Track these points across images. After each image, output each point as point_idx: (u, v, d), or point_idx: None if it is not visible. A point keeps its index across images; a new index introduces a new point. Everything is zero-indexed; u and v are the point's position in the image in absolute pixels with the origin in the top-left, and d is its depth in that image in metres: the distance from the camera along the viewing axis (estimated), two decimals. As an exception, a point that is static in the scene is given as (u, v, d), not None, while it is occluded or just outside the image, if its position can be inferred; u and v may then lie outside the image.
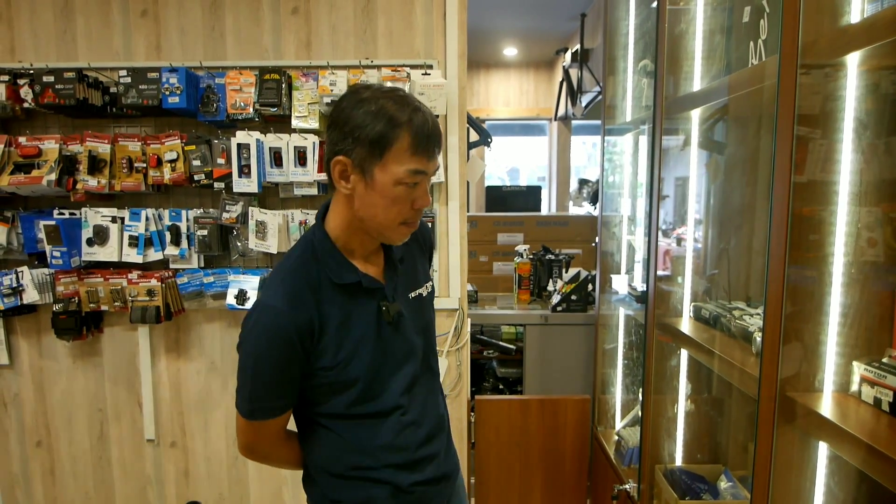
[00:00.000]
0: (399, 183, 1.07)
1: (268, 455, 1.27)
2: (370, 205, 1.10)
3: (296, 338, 1.09)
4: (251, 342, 1.12)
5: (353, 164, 1.08)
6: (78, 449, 2.51)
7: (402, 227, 1.14)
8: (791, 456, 1.19)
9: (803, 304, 1.15)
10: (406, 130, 1.06)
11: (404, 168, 1.07)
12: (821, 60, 1.09)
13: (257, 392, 1.15)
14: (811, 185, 1.14)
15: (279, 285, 1.13)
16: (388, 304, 1.17)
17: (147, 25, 2.32)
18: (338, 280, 1.14)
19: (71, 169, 2.22)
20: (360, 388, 1.16)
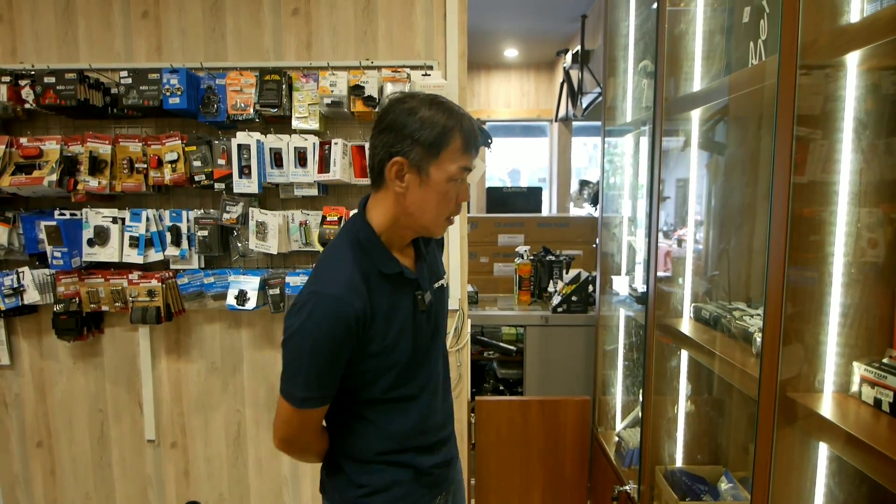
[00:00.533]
0: (451, 179, 1.19)
1: (306, 446, 1.30)
2: (423, 200, 1.19)
3: (353, 325, 1.15)
4: (309, 330, 1.14)
5: (409, 164, 1.16)
6: (78, 449, 2.51)
7: (446, 222, 1.26)
8: (791, 457, 1.19)
9: (803, 305, 1.15)
10: (459, 132, 1.17)
11: (456, 165, 1.18)
12: (820, 60, 1.09)
13: (311, 381, 1.18)
14: (811, 185, 1.13)
15: (333, 275, 1.18)
16: (422, 294, 1.27)
17: (148, 27, 2.33)
18: (385, 270, 1.22)
19: (72, 170, 2.22)
20: (398, 371, 1.24)
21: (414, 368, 1.28)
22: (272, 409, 2.45)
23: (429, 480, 1.34)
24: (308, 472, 2.50)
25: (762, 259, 1.80)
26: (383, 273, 1.21)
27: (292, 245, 2.27)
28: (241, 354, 2.45)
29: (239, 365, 2.46)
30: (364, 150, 2.20)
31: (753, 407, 1.82)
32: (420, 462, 1.31)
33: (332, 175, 2.13)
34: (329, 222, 2.18)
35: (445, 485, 1.40)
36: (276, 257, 2.34)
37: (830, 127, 1.12)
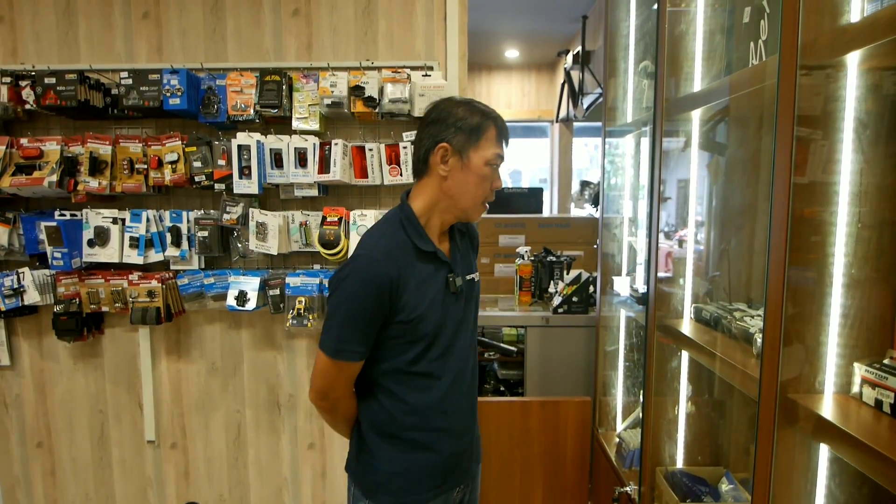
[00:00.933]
0: (488, 164, 1.35)
1: (336, 403, 1.39)
2: (464, 182, 1.35)
3: (387, 287, 1.28)
4: (349, 285, 1.30)
5: (452, 149, 1.34)
6: (78, 450, 2.52)
7: (482, 207, 1.40)
8: (792, 458, 1.18)
9: (804, 305, 1.14)
10: (493, 123, 1.37)
11: (493, 151, 1.35)
12: (820, 60, 1.09)
13: (345, 333, 1.31)
14: (811, 185, 1.13)
15: (375, 243, 1.34)
16: (453, 276, 1.39)
17: (148, 27, 2.33)
18: (421, 246, 1.35)
19: (72, 170, 2.23)
20: (426, 343, 1.35)
21: (440, 348, 1.37)
22: (272, 410, 2.45)
23: (449, 468, 1.43)
24: (308, 474, 2.50)
25: (762, 259, 1.79)
26: (419, 249, 1.35)
27: (292, 246, 2.27)
28: (241, 355, 2.45)
29: (239, 366, 2.46)
30: (364, 150, 2.20)
31: (754, 408, 1.81)
32: (442, 446, 1.41)
33: (332, 175, 2.13)
34: (329, 223, 2.18)
35: (466, 478, 1.50)
36: (276, 258, 2.34)
37: (831, 127, 1.11)
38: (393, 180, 2.21)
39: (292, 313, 2.21)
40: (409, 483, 1.40)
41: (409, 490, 1.40)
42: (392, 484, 1.40)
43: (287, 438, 2.48)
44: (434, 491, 1.42)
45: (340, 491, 2.51)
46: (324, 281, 2.24)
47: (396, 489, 1.40)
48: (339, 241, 2.17)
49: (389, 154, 2.20)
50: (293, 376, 2.44)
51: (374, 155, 2.20)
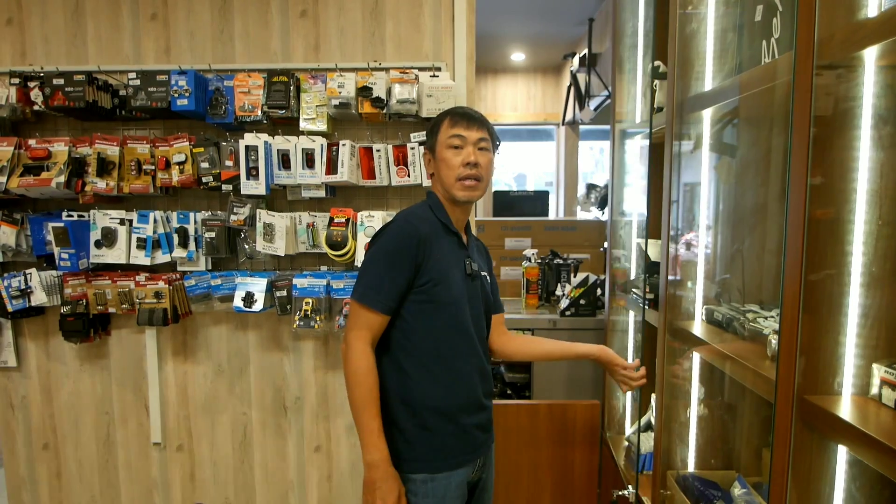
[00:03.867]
0: (448, 147, 1.54)
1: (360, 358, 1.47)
2: (439, 170, 1.57)
3: (416, 239, 1.47)
4: (384, 239, 1.50)
5: (428, 151, 1.63)
6: (84, 452, 2.51)
7: (459, 184, 1.55)
8: (809, 461, 1.16)
9: (821, 306, 1.12)
10: (447, 115, 1.59)
11: (447, 133, 1.56)
12: (837, 56, 1.07)
13: (373, 281, 1.47)
14: (828, 184, 1.11)
15: (409, 213, 1.56)
16: (470, 260, 1.59)
17: (156, 29, 2.33)
18: (447, 224, 1.57)
19: (80, 171, 2.23)
20: (450, 311, 1.52)
21: (461, 320, 1.54)
22: (279, 412, 2.44)
23: (469, 440, 1.58)
24: (314, 477, 2.48)
25: (774, 260, 1.77)
26: (446, 227, 1.57)
27: (299, 247, 2.26)
28: (248, 357, 2.44)
29: (245, 367, 2.45)
30: (372, 151, 2.19)
31: (767, 410, 1.79)
32: (463, 420, 1.55)
33: (339, 176, 2.12)
34: (337, 224, 2.17)
35: (483, 449, 1.65)
36: (283, 259, 2.33)
37: (848, 124, 1.10)
38: (400, 181, 2.20)
39: (299, 315, 2.20)
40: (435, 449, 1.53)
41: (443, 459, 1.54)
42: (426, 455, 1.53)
43: (293, 441, 2.46)
44: (460, 458, 1.56)
45: (347, 494, 2.49)
46: (331, 282, 2.22)
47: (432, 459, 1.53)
48: (346, 243, 2.16)
49: (397, 155, 2.19)
50: (300, 378, 2.43)
51: (382, 156, 2.19)
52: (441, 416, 1.52)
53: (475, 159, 1.54)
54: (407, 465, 1.51)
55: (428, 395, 1.52)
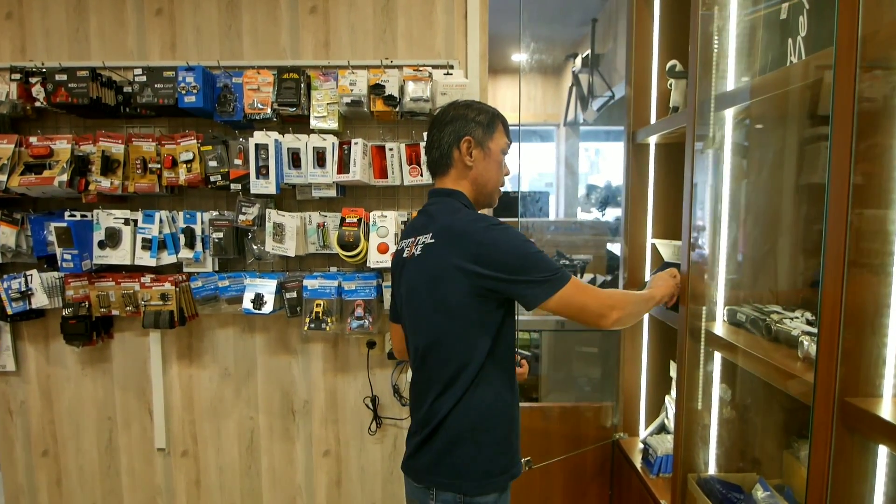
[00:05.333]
0: (503, 151, 1.53)
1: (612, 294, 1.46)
2: (487, 169, 1.50)
3: None
4: (513, 231, 1.38)
5: (475, 142, 1.49)
6: (85, 458, 2.44)
7: (499, 192, 1.56)
8: (849, 463, 1.14)
9: (860, 307, 1.11)
10: (500, 119, 1.54)
11: (504, 140, 1.54)
12: (881, 54, 1.05)
13: (550, 261, 1.38)
14: (868, 184, 1.09)
15: (472, 213, 1.47)
16: None
17: (162, 24, 2.28)
18: None
19: (83, 169, 2.17)
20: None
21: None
22: (286, 416, 2.40)
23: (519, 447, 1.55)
24: (323, 482, 2.44)
25: (798, 261, 1.76)
26: None
27: (309, 247, 2.22)
28: (255, 360, 2.39)
29: (253, 371, 2.40)
30: (384, 150, 2.15)
31: (788, 412, 1.77)
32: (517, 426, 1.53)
33: (351, 175, 2.08)
34: (348, 224, 2.13)
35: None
36: (292, 260, 2.28)
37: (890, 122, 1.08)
38: (413, 181, 2.16)
39: (310, 317, 2.16)
40: (512, 461, 1.48)
41: (515, 464, 1.48)
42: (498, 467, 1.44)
43: (301, 446, 2.42)
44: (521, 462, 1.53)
45: (356, 499, 2.45)
46: (342, 283, 2.18)
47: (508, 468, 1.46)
48: (358, 243, 2.12)
49: (410, 154, 2.15)
50: (308, 382, 2.39)
51: (395, 155, 2.15)
52: (513, 422, 1.48)
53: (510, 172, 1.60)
54: (490, 484, 1.42)
55: (505, 403, 1.45)
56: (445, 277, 1.38)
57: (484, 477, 1.40)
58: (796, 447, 1.71)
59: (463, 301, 1.37)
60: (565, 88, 4.80)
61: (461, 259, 1.35)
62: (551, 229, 3.73)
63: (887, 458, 1.13)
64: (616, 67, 3.88)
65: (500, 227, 1.37)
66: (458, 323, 1.38)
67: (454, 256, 1.36)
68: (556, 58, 5.12)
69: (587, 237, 3.66)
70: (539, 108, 5.48)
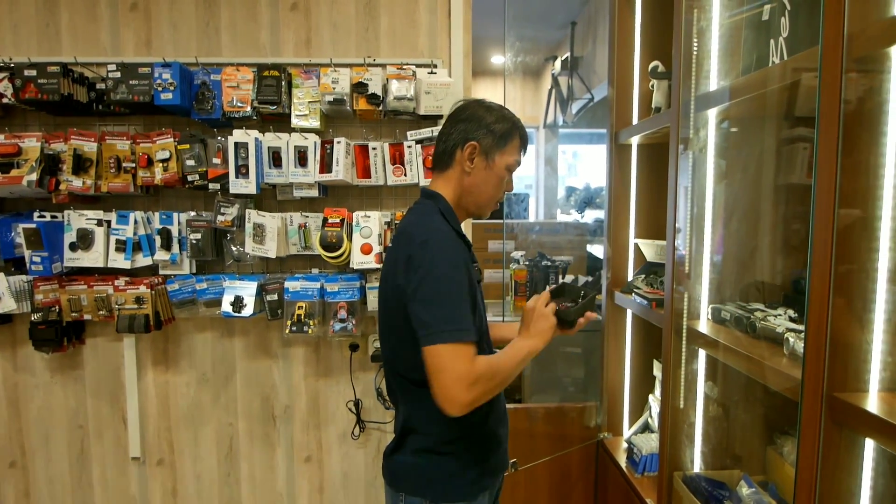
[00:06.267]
0: (508, 168, 1.43)
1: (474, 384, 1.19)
2: (484, 182, 1.41)
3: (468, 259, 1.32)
4: (443, 262, 1.23)
5: (481, 149, 1.39)
6: (56, 469, 2.36)
7: (494, 206, 1.48)
8: (836, 457, 1.15)
9: (846, 303, 1.12)
10: (518, 133, 1.46)
11: (514, 158, 1.44)
12: (868, 52, 1.06)
13: (463, 309, 1.22)
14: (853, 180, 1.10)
15: (437, 224, 1.33)
16: (477, 266, 1.44)
17: (137, 20, 2.22)
18: (461, 234, 1.41)
19: (54, 168, 2.10)
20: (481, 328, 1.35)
21: (486, 341, 1.43)
22: (267, 422, 2.34)
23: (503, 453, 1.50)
24: (305, 489, 2.39)
25: (779, 260, 1.78)
26: (459, 235, 1.39)
27: (290, 249, 2.18)
28: (234, 365, 2.33)
29: (231, 376, 2.34)
30: (367, 149, 2.12)
31: (772, 408, 1.79)
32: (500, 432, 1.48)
33: (334, 175, 2.05)
34: (331, 224, 2.10)
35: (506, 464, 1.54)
36: (273, 262, 2.24)
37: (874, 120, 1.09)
38: (396, 181, 2.14)
39: (292, 319, 2.12)
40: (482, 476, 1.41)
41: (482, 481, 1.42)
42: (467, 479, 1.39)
43: (282, 452, 2.36)
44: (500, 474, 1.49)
45: (338, 505, 2.40)
46: (325, 285, 2.14)
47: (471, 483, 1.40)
48: (341, 244, 2.08)
49: (393, 153, 2.13)
50: (289, 386, 2.34)
51: (378, 154, 2.12)
52: (485, 436, 1.42)
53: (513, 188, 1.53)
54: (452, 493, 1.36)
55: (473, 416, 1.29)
56: (388, 282, 1.34)
57: (449, 484, 1.37)
58: (779, 443, 1.72)
59: (400, 308, 1.28)
60: (544, 91, 4.83)
61: (396, 264, 1.29)
62: (535, 230, 3.73)
63: (874, 451, 1.14)
64: (595, 70, 3.91)
65: (439, 247, 1.24)
66: (401, 330, 1.30)
67: (396, 261, 1.30)
68: (535, 60, 5.15)
69: (570, 237, 3.67)
70: (518, 111, 5.49)
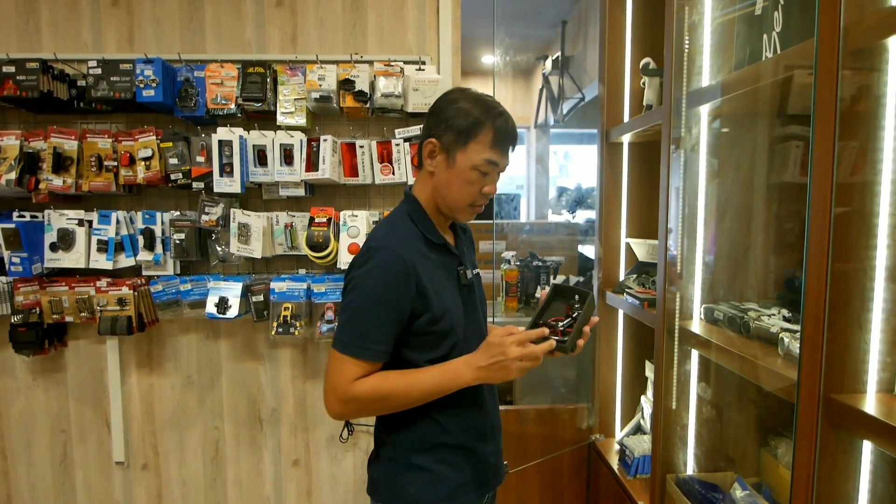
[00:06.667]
0: (475, 169, 1.25)
1: (354, 397, 1.20)
2: (447, 183, 1.27)
3: (411, 274, 1.20)
4: (369, 275, 1.20)
5: (440, 147, 1.26)
6: (38, 474, 2.30)
7: (469, 209, 1.31)
8: (833, 459, 1.13)
9: (843, 304, 1.09)
10: (490, 128, 1.25)
11: (481, 157, 1.24)
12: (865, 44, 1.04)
13: (365, 326, 1.20)
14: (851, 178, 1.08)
15: (388, 234, 1.27)
16: (463, 269, 1.34)
17: (119, 16, 2.17)
18: (432, 238, 1.29)
19: (33, 167, 2.05)
20: (455, 339, 1.27)
21: (465, 342, 1.30)
22: (253, 425, 2.30)
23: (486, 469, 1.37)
24: (293, 493, 2.35)
25: (772, 259, 1.76)
26: (430, 241, 1.29)
27: (276, 249, 2.14)
28: (220, 367, 2.29)
29: (217, 378, 2.29)
30: (355, 147, 2.09)
31: (765, 409, 1.77)
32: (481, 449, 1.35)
33: (321, 174, 2.01)
34: (317, 224, 2.06)
35: (498, 479, 1.43)
36: (259, 262, 2.19)
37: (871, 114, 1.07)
38: (384, 179, 2.10)
39: (278, 321, 2.07)
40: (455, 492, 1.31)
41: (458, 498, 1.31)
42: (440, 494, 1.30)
43: (269, 455, 2.32)
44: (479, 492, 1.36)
45: (327, 510, 2.36)
46: (311, 286, 2.10)
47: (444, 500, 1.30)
48: (328, 244, 2.04)
49: (381, 151, 2.09)
50: (276, 388, 2.29)
51: (366, 152, 2.09)
52: (457, 450, 1.31)
53: (496, 189, 1.31)
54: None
55: (441, 429, 1.29)
56: None
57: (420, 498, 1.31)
58: (773, 445, 1.70)
59: None
60: (535, 90, 4.81)
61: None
62: (526, 230, 3.71)
63: (872, 454, 1.11)
64: (586, 69, 3.89)
65: (374, 262, 1.20)
66: None
67: None
68: (526, 59, 5.12)
69: (561, 237, 3.65)
70: (509, 111, 5.47)
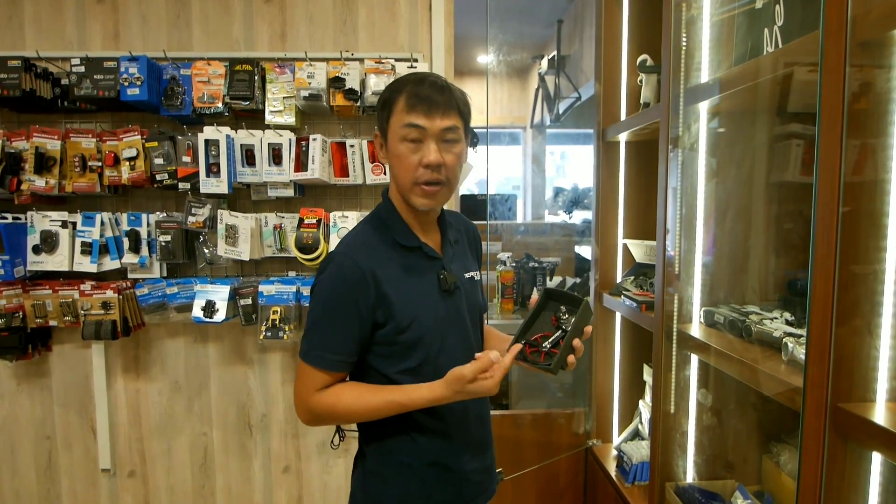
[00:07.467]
0: (402, 140, 1.15)
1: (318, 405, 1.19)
2: (393, 167, 1.19)
3: (368, 282, 1.14)
4: (325, 284, 1.16)
5: (380, 137, 1.21)
6: (22, 481, 2.25)
7: (418, 189, 1.17)
8: (841, 470, 1.08)
9: (851, 309, 1.04)
10: (403, 94, 1.15)
11: (400, 124, 1.14)
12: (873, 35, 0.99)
13: (321, 336, 1.17)
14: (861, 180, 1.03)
15: (352, 241, 1.21)
16: (446, 274, 1.23)
17: (104, 12, 2.12)
18: (403, 241, 1.21)
19: (15, 168, 1.99)
20: (426, 349, 1.19)
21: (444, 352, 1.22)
22: (243, 431, 2.24)
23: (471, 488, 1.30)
24: (283, 500, 2.29)
25: (774, 261, 1.71)
26: (402, 245, 1.21)
27: (265, 251, 2.08)
28: (208, 372, 2.24)
29: (205, 383, 2.24)
30: (345, 147, 2.04)
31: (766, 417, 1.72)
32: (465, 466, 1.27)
33: (310, 174, 1.96)
34: (307, 225, 2.00)
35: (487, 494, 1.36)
36: (248, 264, 2.14)
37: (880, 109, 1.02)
38: (376, 179, 2.05)
39: (266, 325, 2.02)
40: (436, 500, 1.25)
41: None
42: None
43: (259, 462, 2.27)
44: None
45: (318, 518, 2.31)
46: (301, 289, 2.05)
47: None
48: (317, 245, 1.99)
49: (372, 151, 2.04)
50: (266, 394, 2.24)
51: (356, 152, 2.04)
52: (433, 467, 1.23)
53: (437, 159, 1.14)
54: None
55: (416, 446, 1.23)
56: None
57: None
58: (775, 452, 1.65)
59: None
60: (531, 90, 4.76)
61: None
62: (521, 230, 3.66)
63: (882, 466, 1.07)
64: (582, 69, 3.85)
65: (329, 266, 1.17)
66: None
67: None
68: (522, 59, 5.08)
69: (557, 238, 3.60)
70: (505, 111, 5.43)
